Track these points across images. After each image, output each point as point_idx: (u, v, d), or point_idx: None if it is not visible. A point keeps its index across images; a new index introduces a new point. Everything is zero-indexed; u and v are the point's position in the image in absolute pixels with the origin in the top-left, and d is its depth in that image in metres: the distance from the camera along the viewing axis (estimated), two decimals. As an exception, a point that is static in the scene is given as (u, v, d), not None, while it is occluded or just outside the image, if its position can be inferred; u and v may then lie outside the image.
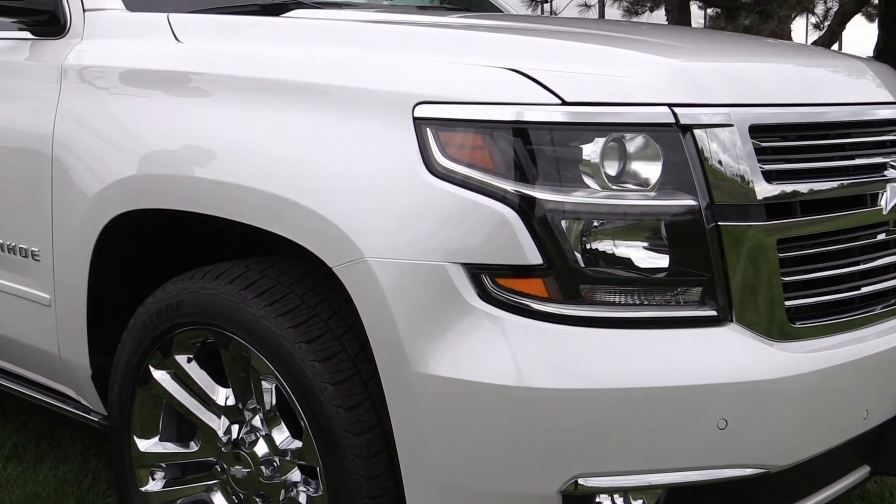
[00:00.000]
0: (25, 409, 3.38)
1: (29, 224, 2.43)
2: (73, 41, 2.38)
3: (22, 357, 2.63)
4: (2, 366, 2.79)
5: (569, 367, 1.67)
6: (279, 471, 2.04)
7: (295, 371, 1.86)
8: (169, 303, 2.09)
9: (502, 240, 1.65)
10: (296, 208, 1.80)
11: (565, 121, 1.66)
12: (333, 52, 1.93)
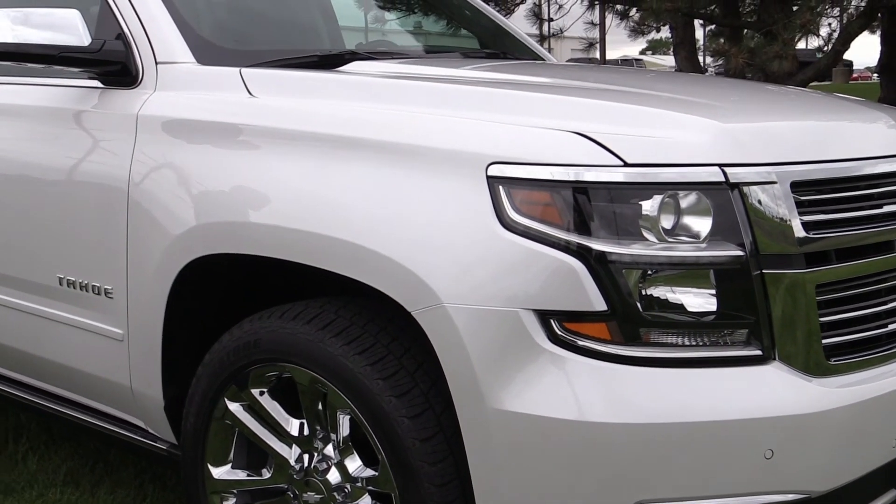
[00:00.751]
0: (74, 434, 3.55)
1: (102, 264, 2.58)
2: (146, 92, 2.55)
3: (91, 388, 2.78)
4: (65, 395, 2.94)
5: (629, 403, 1.83)
6: (350, 497, 2.20)
7: (373, 406, 2.02)
8: (247, 341, 2.25)
9: (570, 288, 1.82)
10: (376, 257, 1.97)
11: (627, 181, 1.83)
12: (407, 111, 2.10)
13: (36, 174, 2.78)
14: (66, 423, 2.99)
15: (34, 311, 2.83)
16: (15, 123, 2.90)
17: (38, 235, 2.78)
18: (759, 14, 12.04)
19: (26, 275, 2.83)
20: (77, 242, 2.66)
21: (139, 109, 2.51)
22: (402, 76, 2.49)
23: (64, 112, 2.76)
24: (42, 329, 2.82)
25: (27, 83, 2.93)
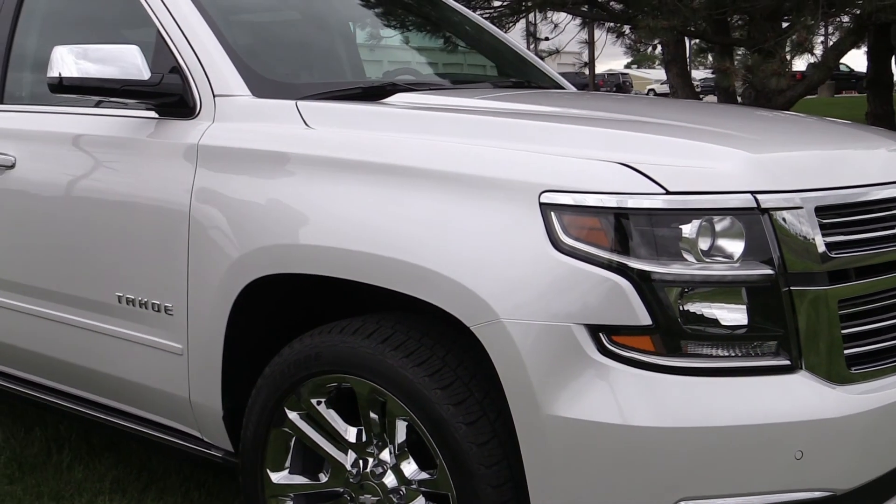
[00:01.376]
0: (114, 443, 3.71)
1: (162, 283, 2.75)
2: (204, 123, 2.72)
3: (147, 400, 2.94)
4: (117, 406, 3.10)
5: (671, 409, 2.02)
6: (406, 499, 2.37)
7: (432, 413, 2.20)
8: (308, 354, 2.42)
9: (618, 304, 2.01)
10: (438, 277, 2.14)
11: (668, 207, 2.02)
12: (463, 144, 2.28)
13: (95, 198, 2.95)
14: (117, 433, 3.15)
15: (92, 327, 2.99)
16: (74, 151, 3.07)
17: (97, 256, 2.94)
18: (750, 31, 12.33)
19: (85, 293, 2.99)
20: (137, 263, 2.82)
21: (199, 139, 2.69)
22: (448, 108, 2.67)
23: (122, 140, 2.93)
24: (99, 344, 2.98)
25: (81, 113, 3.10)
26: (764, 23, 11.43)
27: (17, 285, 3.22)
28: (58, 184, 3.08)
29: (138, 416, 3.05)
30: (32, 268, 3.17)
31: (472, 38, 4.01)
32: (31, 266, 3.17)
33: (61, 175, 3.07)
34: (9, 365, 3.40)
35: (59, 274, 3.07)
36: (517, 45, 3.98)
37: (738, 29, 13.70)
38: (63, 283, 3.06)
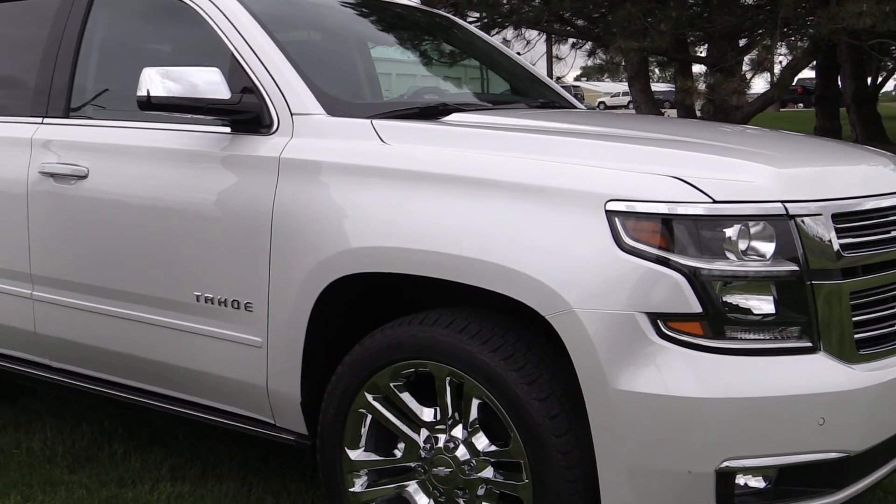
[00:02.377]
0: (162, 435, 3.99)
1: (243, 282, 3.06)
2: (283, 138, 3.04)
3: (222, 390, 3.23)
4: (187, 398, 3.39)
5: (717, 382, 2.39)
6: (475, 469, 2.72)
7: (508, 393, 2.55)
8: (390, 343, 2.76)
9: (674, 296, 2.38)
10: (516, 274, 2.50)
11: (714, 214, 2.41)
12: (527, 158, 2.65)
13: (172, 206, 3.25)
14: (172, 425, 3.45)
15: (167, 324, 3.28)
16: (147, 162, 3.36)
17: (174, 258, 3.24)
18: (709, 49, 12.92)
19: (161, 293, 3.29)
20: (216, 264, 3.13)
21: (281, 153, 3.01)
22: (503, 127, 3.03)
23: (197, 153, 3.24)
24: (175, 340, 3.28)
25: (150, 128, 3.40)
26: (722, 41, 12.05)
27: (90, 287, 3.49)
28: (132, 192, 3.37)
29: (209, 406, 3.34)
30: (106, 271, 3.44)
31: (497, 61, 4.38)
32: (105, 269, 3.44)
33: (136, 184, 3.36)
34: (82, 364, 3.66)
35: (134, 276, 3.36)
36: (532, 68, 4.36)
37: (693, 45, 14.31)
38: (138, 285, 3.35)
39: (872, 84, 21.87)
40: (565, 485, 2.52)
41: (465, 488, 2.74)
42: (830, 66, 18.38)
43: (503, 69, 4.40)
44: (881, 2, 9.12)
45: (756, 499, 2.46)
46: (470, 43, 4.42)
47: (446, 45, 4.31)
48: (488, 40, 4.40)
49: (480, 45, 4.41)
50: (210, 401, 3.32)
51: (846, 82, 19.69)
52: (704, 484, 2.40)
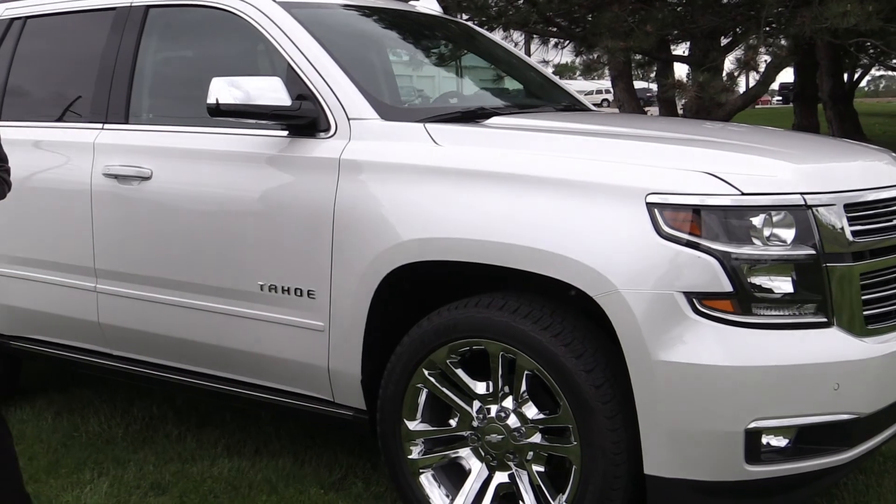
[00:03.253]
0: (210, 417, 4.27)
1: (306, 271, 3.36)
2: (341, 141, 3.34)
3: (283, 372, 3.53)
4: (246, 380, 3.68)
5: (745, 352, 2.72)
6: (525, 435, 3.04)
7: (558, 365, 2.87)
8: (447, 324, 3.07)
9: (708, 277, 2.71)
10: (566, 260, 2.82)
11: (743, 205, 2.73)
12: (571, 156, 2.97)
13: (235, 203, 3.54)
14: (244, 403, 3.72)
15: (232, 312, 3.58)
16: (209, 164, 3.65)
17: (241, 251, 3.53)
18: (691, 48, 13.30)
19: (225, 283, 3.58)
20: (280, 255, 3.42)
21: (341, 154, 3.31)
22: (541, 129, 3.35)
23: (257, 155, 3.53)
24: (238, 326, 3.57)
25: (208, 132, 3.69)
26: (704, 40, 12.43)
27: (155, 279, 3.78)
28: (196, 191, 3.66)
29: (268, 387, 3.63)
30: (171, 263, 3.73)
31: (516, 66, 4.70)
32: (170, 262, 3.73)
33: (199, 184, 3.65)
34: (143, 351, 3.94)
35: (199, 268, 3.65)
36: (548, 72, 4.68)
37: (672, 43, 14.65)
38: (203, 276, 3.64)
39: (849, 81, 22.38)
40: (610, 445, 2.84)
41: (516, 452, 3.06)
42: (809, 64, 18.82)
43: (522, 73, 4.71)
44: (864, 1, 9.50)
45: (779, 455, 2.79)
46: (491, 49, 4.74)
47: (471, 51, 4.62)
48: (507, 46, 4.71)
49: (500, 52, 4.73)
50: (271, 382, 3.62)
51: (823, 80, 20.13)
52: (735, 442, 2.73)
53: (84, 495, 3.54)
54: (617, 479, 2.86)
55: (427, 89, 4.29)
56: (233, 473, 3.73)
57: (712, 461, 2.76)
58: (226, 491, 3.57)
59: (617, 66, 12.80)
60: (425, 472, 3.23)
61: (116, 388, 4.78)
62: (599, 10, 11.39)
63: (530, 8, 11.44)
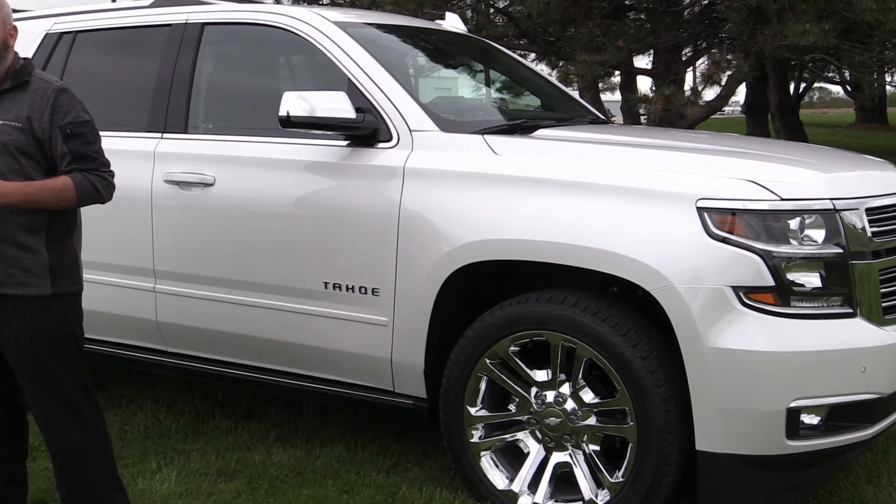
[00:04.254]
0: (255, 410, 4.52)
1: (371, 271, 3.64)
2: (404, 151, 3.64)
3: (346, 364, 3.80)
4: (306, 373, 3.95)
5: (784, 339, 3.07)
6: (581, 418, 3.36)
7: (616, 354, 3.20)
8: (510, 317, 3.39)
9: (753, 272, 3.06)
10: (624, 258, 3.15)
11: (781, 209, 3.10)
12: (623, 165, 3.31)
13: (301, 207, 3.81)
14: (303, 395, 4.00)
15: (296, 309, 3.84)
16: (271, 171, 3.92)
17: (305, 252, 3.80)
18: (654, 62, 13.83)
19: (290, 283, 3.85)
20: (345, 256, 3.70)
21: (405, 162, 3.61)
22: (585, 140, 3.69)
23: (319, 163, 3.81)
24: (303, 322, 3.84)
25: (269, 141, 3.96)
26: (666, 54, 12.95)
27: (215, 279, 4.03)
28: (259, 197, 3.92)
29: (326, 378, 3.91)
30: (234, 264, 3.98)
31: (541, 83, 5.05)
32: (233, 263, 3.98)
33: (262, 190, 3.92)
34: (198, 348, 4.18)
35: (263, 268, 3.91)
36: (566, 89, 5.03)
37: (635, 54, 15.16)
38: (267, 275, 3.90)
39: (794, 94, 23.21)
40: (664, 425, 3.18)
41: (573, 434, 3.38)
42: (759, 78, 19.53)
43: (544, 88, 5.05)
44: (821, 21, 10.05)
45: (813, 431, 3.15)
46: (515, 65, 5.08)
47: (500, 67, 4.96)
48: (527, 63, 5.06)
49: (522, 68, 5.07)
50: (331, 374, 3.89)
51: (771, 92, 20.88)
52: (778, 420, 3.08)
53: (155, 483, 3.77)
54: (670, 455, 3.20)
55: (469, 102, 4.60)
56: (293, 461, 3.99)
57: (757, 437, 3.11)
58: (291, 476, 3.83)
59: (588, 79, 13.24)
60: (485, 454, 3.54)
61: (155, 385, 4.99)
62: (574, 25, 11.84)
63: (508, 22, 11.84)
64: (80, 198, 3.07)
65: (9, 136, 3.00)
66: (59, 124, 3.02)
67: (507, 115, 4.49)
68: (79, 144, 3.05)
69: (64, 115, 3.03)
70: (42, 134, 3.02)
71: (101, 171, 3.11)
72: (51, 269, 3.07)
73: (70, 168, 3.05)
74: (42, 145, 3.03)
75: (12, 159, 3.01)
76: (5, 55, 3.06)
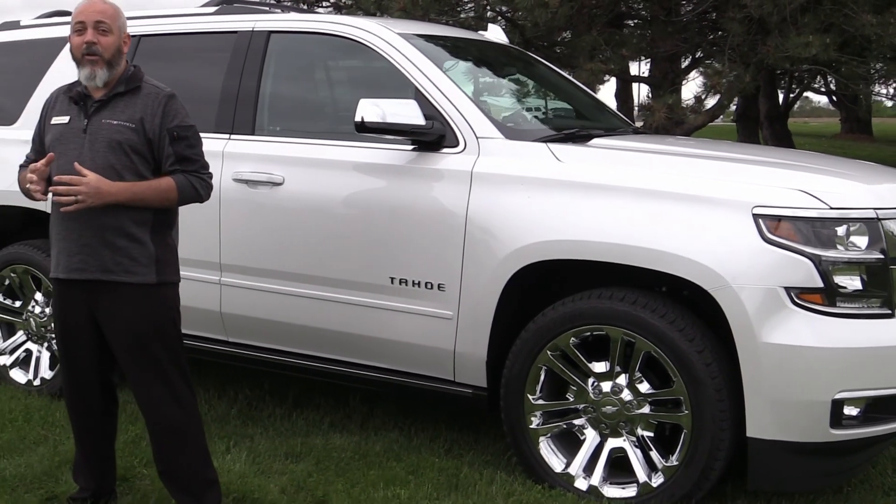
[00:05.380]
0: (301, 397, 4.75)
1: (437, 267, 3.89)
2: (471, 156, 3.89)
3: (410, 355, 4.04)
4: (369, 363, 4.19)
5: (832, 336, 3.35)
6: (636, 406, 3.63)
7: (674, 348, 3.47)
8: (572, 313, 3.65)
9: (804, 275, 3.34)
10: (685, 260, 3.42)
11: (830, 216, 3.38)
12: (682, 173, 3.58)
13: (370, 207, 4.06)
14: (370, 384, 4.22)
15: (362, 303, 4.09)
16: (340, 172, 4.16)
17: (372, 249, 4.04)
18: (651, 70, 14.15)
19: (357, 277, 4.09)
20: (411, 253, 3.95)
21: (472, 167, 3.86)
22: (644, 150, 3.97)
23: (387, 166, 4.05)
24: (369, 315, 4.08)
25: (336, 144, 4.20)
26: (664, 63, 13.29)
27: (281, 273, 4.26)
28: (328, 196, 4.16)
29: (385, 368, 4.15)
30: (300, 259, 4.22)
31: (580, 93, 5.32)
32: (299, 257, 4.22)
33: (331, 190, 4.16)
34: (260, 338, 4.41)
35: (329, 263, 4.14)
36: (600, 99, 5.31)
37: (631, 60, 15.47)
38: (333, 270, 4.14)
39: (784, 103, 23.65)
40: (717, 413, 3.45)
41: (628, 421, 3.65)
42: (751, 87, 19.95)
43: (583, 99, 5.32)
44: (822, 34, 10.40)
45: (853, 421, 3.43)
46: (555, 77, 5.35)
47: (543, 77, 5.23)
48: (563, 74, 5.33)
49: (563, 80, 5.35)
50: (392, 364, 4.13)
51: (761, 101, 21.28)
52: (823, 410, 3.36)
53: (227, 462, 4.00)
54: (722, 442, 3.47)
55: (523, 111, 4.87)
56: (353, 445, 4.23)
57: (804, 425, 3.39)
58: (355, 458, 4.07)
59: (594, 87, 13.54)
60: (544, 439, 3.80)
61: (202, 374, 5.20)
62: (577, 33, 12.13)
63: (513, 29, 12.12)
64: (182, 197, 3.31)
65: (123, 136, 3.23)
66: (167, 126, 3.26)
67: (559, 124, 4.75)
68: (183, 147, 3.29)
69: (172, 118, 3.27)
70: (153, 135, 3.25)
71: (202, 173, 3.35)
72: (156, 260, 3.30)
73: (173, 168, 3.28)
74: (152, 145, 3.27)
75: (125, 157, 3.24)
76: (120, 61, 3.30)
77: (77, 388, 3.46)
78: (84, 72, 3.27)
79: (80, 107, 3.31)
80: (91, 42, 3.24)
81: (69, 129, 3.30)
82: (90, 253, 3.25)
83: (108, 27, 3.28)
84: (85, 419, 3.50)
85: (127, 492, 3.76)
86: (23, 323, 5.18)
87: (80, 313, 3.35)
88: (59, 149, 3.27)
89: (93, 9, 3.28)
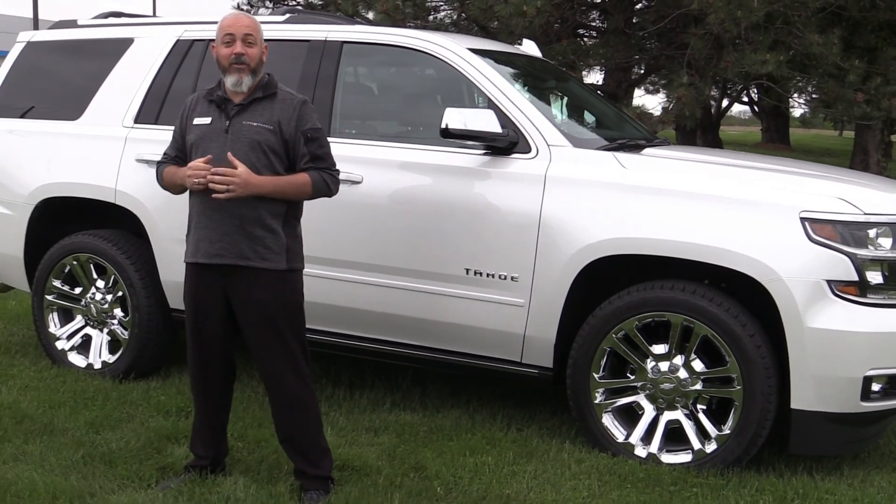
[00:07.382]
0: (356, 378, 5.17)
1: (511, 260, 4.37)
2: (543, 161, 4.38)
3: (481, 339, 4.50)
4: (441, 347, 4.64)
5: (864, 322, 3.94)
6: (691, 384, 4.17)
7: (728, 331, 4.03)
8: (637, 301, 4.18)
9: (843, 270, 3.92)
10: (741, 256, 3.97)
11: (864, 220, 3.98)
12: (748, 182, 4.15)
13: (446, 205, 4.50)
14: (441, 366, 4.65)
15: (439, 291, 4.53)
16: (417, 173, 4.60)
17: (447, 243, 4.49)
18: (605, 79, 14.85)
19: (434, 269, 4.53)
20: (486, 247, 4.41)
21: (546, 171, 4.35)
22: (694, 160, 4.53)
23: (462, 168, 4.51)
24: (444, 303, 4.53)
25: (411, 148, 4.65)
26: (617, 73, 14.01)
27: (360, 264, 4.68)
28: (405, 195, 4.60)
29: (454, 351, 4.61)
30: (378, 251, 4.64)
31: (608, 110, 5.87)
32: (377, 250, 4.64)
33: (408, 189, 4.60)
34: (344, 325, 4.81)
35: (408, 255, 4.58)
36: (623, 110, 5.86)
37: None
38: (411, 262, 4.57)
39: (716, 112, 24.80)
40: (765, 388, 4.02)
41: (683, 396, 4.19)
42: (711, 96, 20.93)
43: (610, 111, 5.87)
44: (776, 52, 11.22)
45: (878, 395, 4.04)
46: (586, 91, 5.88)
47: (577, 90, 5.76)
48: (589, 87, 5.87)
49: (592, 93, 5.89)
50: (461, 347, 4.59)
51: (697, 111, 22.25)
52: (856, 385, 3.96)
53: (314, 436, 4.40)
54: (769, 413, 4.04)
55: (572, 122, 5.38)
56: (424, 420, 4.67)
57: (840, 398, 3.98)
58: (432, 431, 4.52)
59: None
60: (607, 413, 4.31)
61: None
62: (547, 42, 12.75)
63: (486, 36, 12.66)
64: (315, 191, 3.72)
65: (262, 136, 3.63)
66: (301, 129, 3.67)
67: (607, 134, 5.27)
68: (315, 147, 3.70)
69: (306, 121, 3.68)
70: (289, 136, 3.66)
71: (332, 171, 3.76)
72: (287, 249, 3.71)
73: (307, 166, 3.69)
74: (287, 146, 3.67)
75: (263, 156, 3.63)
76: (261, 70, 3.69)
77: (203, 361, 3.84)
78: (231, 78, 3.66)
79: (221, 109, 3.69)
80: (240, 53, 3.63)
81: (212, 130, 3.68)
82: (229, 241, 3.64)
83: (254, 39, 3.67)
84: (209, 390, 3.88)
85: (230, 462, 4.13)
86: (82, 309, 5.46)
87: (213, 294, 3.73)
88: (203, 147, 3.65)
89: (241, 23, 3.67)
